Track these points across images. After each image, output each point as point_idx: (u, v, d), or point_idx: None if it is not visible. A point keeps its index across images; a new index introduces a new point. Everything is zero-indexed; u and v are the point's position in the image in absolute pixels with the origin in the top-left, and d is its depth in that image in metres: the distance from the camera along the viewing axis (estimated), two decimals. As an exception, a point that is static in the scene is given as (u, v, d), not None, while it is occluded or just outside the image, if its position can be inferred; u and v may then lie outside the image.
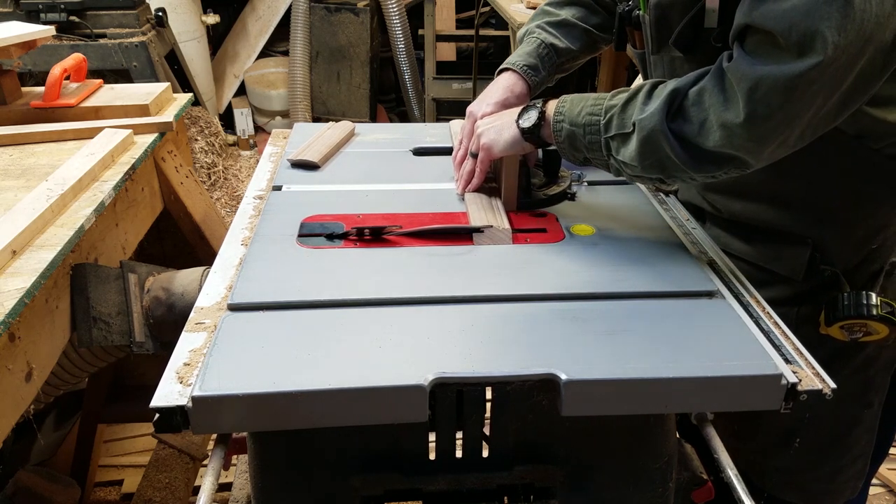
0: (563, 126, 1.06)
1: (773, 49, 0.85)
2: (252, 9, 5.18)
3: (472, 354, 0.85)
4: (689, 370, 0.84)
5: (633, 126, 0.98)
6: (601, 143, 1.03)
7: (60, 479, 1.88)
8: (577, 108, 1.06)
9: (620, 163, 1.02)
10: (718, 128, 0.91)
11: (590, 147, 1.05)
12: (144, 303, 1.29)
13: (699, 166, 0.96)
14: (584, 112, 1.04)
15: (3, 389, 1.01)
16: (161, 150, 1.66)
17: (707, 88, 0.92)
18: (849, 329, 1.10)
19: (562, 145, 1.08)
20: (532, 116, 1.11)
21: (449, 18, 5.26)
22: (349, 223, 1.16)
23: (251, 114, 5.17)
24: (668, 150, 0.95)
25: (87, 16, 3.44)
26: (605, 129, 1.02)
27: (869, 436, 1.27)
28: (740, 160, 0.93)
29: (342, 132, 1.53)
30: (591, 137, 1.04)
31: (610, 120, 1.01)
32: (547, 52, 1.33)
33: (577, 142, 1.06)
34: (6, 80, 1.65)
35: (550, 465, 0.98)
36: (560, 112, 1.07)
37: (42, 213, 1.19)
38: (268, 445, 0.97)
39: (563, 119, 1.06)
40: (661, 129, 0.94)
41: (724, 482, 0.89)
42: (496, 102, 1.27)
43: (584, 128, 1.04)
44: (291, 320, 0.92)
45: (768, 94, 0.85)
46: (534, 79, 1.31)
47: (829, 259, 1.12)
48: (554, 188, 1.27)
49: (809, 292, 1.14)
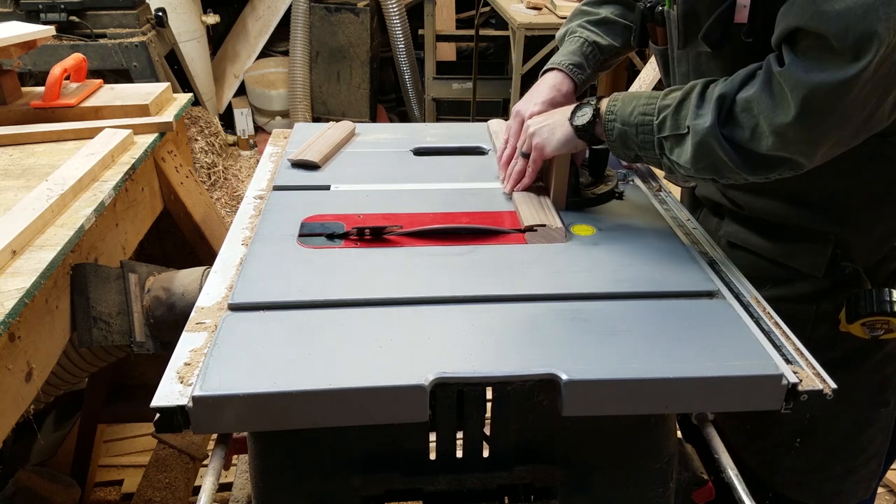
0: (615, 125, 1.07)
1: (827, 53, 0.84)
2: (252, 9, 5.18)
3: (472, 354, 0.85)
4: (689, 370, 0.84)
5: (687, 129, 0.98)
6: (654, 143, 1.04)
7: (60, 479, 1.88)
8: (629, 107, 1.06)
9: (674, 163, 1.03)
10: (771, 133, 0.91)
11: (642, 146, 1.05)
12: (145, 303, 1.29)
13: (753, 169, 0.96)
14: (637, 112, 1.05)
15: (3, 389, 1.01)
16: (161, 150, 1.66)
17: (755, 94, 0.92)
18: (870, 326, 1.09)
19: (613, 143, 1.09)
20: (587, 114, 1.11)
21: (449, 18, 5.26)
22: (349, 223, 1.16)
23: (251, 114, 5.17)
24: (722, 155, 0.95)
25: (87, 16, 3.44)
26: (658, 130, 1.02)
27: (884, 435, 1.26)
28: (794, 162, 0.93)
29: (342, 132, 1.53)
30: (643, 137, 1.04)
31: (663, 121, 1.01)
32: (591, 49, 1.34)
33: (629, 141, 1.06)
34: (6, 80, 1.65)
35: (551, 466, 0.98)
36: (612, 111, 1.07)
37: (42, 213, 1.19)
38: (268, 445, 0.97)
39: (615, 118, 1.07)
40: (713, 134, 0.94)
41: (725, 482, 0.89)
42: (544, 101, 1.27)
43: (637, 127, 1.04)
44: (292, 320, 0.92)
45: (823, 100, 0.85)
46: (580, 77, 1.32)
47: (851, 256, 1.11)
48: (602, 187, 1.27)
49: (829, 289, 1.14)
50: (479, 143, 1.52)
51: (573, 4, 3.73)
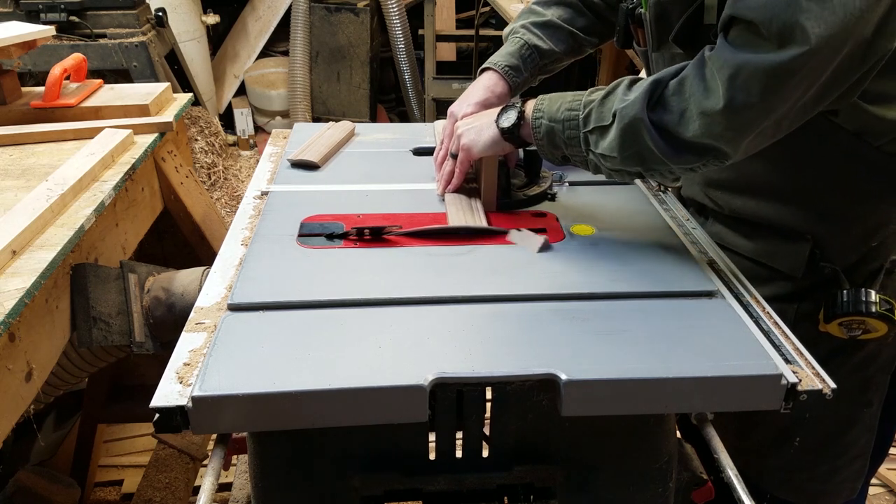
0: (542, 122, 1.06)
1: (755, 38, 0.85)
2: (252, 9, 5.18)
3: (472, 354, 0.85)
4: (689, 370, 0.84)
5: (612, 117, 0.98)
6: (580, 138, 1.03)
7: (60, 479, 1.88)
8: (555, 104, 1.06)
9: (599, 156, 1.02)
10: (698, 116, 0.91)
11: (568, 143, 1.05)
12: (144, 303, 1.29)
13: (678, 157, 0.96)
14: (563, 108, 1.04)
15: (3, 389, 1.01)
16: (161, 150, 1.66)
17: (688, 78, 0.93)
18: (847, 326, 1.10)
19: (541, 143, 1.08)
20: (511, 116, 1.11)
21: (449, 18, 5.26)
22: (349, 223, 1.16)
23: (251, 114, 5.17)
24: (648, 140, 0.95)
25: (87, 16, 3.43)
26: (584, 124, 1.02)
27: (868, 436, 1.27)
28: (719, 150, 0.93)
29: (342, 132, 1.53)
30: (570, 133, 1.04)
31: (589, 114, 1.01)
32: (529, 53, 1.33)
33: (556, 138, 1.06)
34: (6, 80, 1.65)
35: (550, 466, 0.98)
36: (539, 109, 1.08)
37: (42, 213, 1.19)
38: (268, 445, 0.97)
39: (542, 116, 1.07)
40: (641, 117, 0.94)
41: (725, 482, 0.89)
42: (477, 102, 1.27)
43: (563, 123, 1.04)
44: (291, 320, 0.92)
45: (748, 81, 0.86)
46: (515, 79, 1.31)
47: (829, 256, 1.12)
48: (534, 188, 1.27)
49: (809, 289, 1.14)
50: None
51: (573, 4, 3.73)
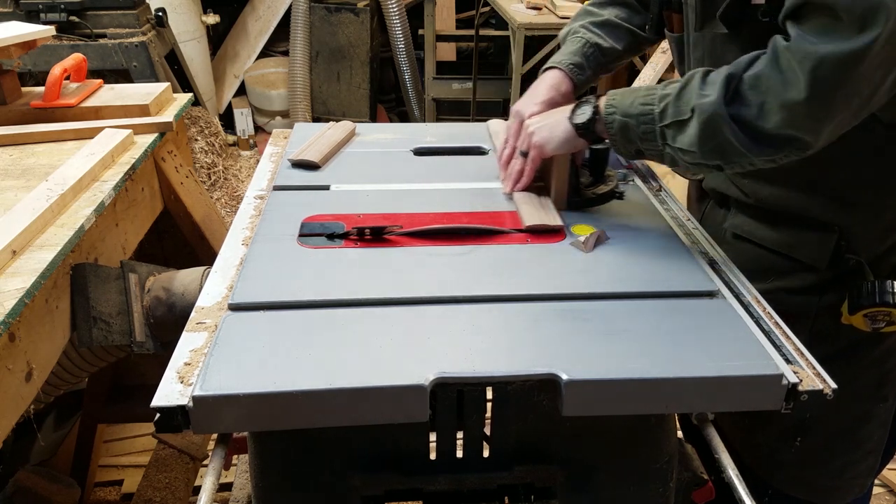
0: (616, 118, 1.06)
1: (834, 23, 0.84)
2: (252, 9, 5.18)
3: (472, 354, 0.85)
4: (689, 370, 0.84)
5: (691, 112, 0.97)
6: (656, 132, 1.02)
7: (60, 479, 1.88)
8: (628, 99, 1.05)
9: (677, 150, 1.02)
10: (779, 109, 0.90)
11: (644, 137, 1.04)
12: (145, 303, 1.29)
13: (759, 149, 0.95)
14: (637, 102, 1.04)
15: (3, 389, 1.01)
16: (161, 150, 1.66)
17: (764, 71, 0.92)
18: (872, 318, 1.09)
19: (614, 138, 1.08)
20: (586, 111, 1.10)
21: (449, 18, 5.26)
22: (350, 223, 1.16)
23: (251, 114, 5.17)
24: (729, 135, 0.95)
25: (87, 16, 3.43)
26: (660, 118, 1.02)
27: (881, 431, 1.26)
28: (801, 141, 0.93)
29: (343, 132, 1.53)
30: (645, 127, 1.03)
31: (665, 108, 1.01)
32: (592, 51, 1.33)
33: (630, 133, 1.05)
34: (6, 80, 1.65)
35: (551, 466, 0.98)
36: (611, 105, 1.07)
37: (42, 213, 1.19)
38: (268, 445, 0.97)
39: (615, 111, 1.06)
40: (720, 112, 0.94)
41: (725, 482, 0.89)
42: (543, 101, 1.27)
43: (638, 118, 1.03)
44: (292, 320, 0.92)
45: (832, 70, 0.85)
46: (579, 77, 1.31)
47: (855, 247, 1.11)
48: (602, 187, 1.27)
49: (832, 281, 1.14)
50: (479, 143, 1.52)
51: (573, 4, 3.73)
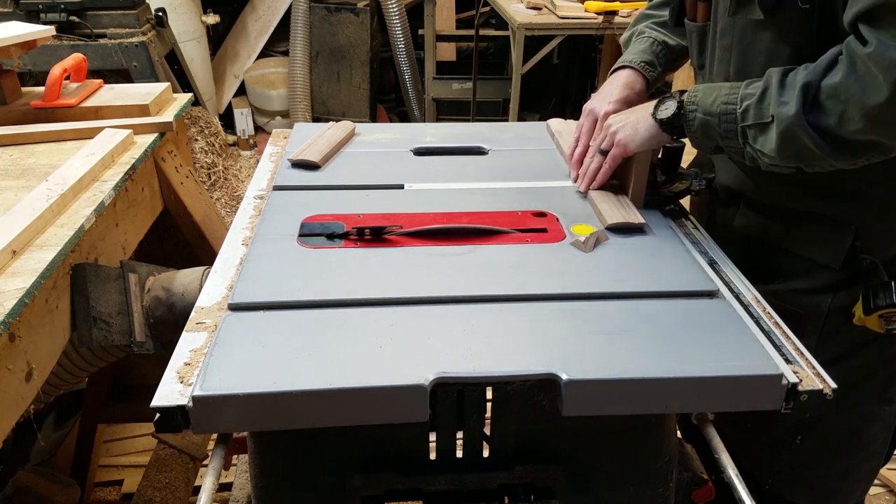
0: (697, 115, 1.07)
1: None
2: (252, 9, 5.18)
3: (472, 354, 0.85)
4: (689, 370, 0.84)
5: (771, 117, 0.98)
6: (737, 132, 1.03)
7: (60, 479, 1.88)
8: (710, 97, 1.06)
9: (758, 152, 1.02)
10: (860, 117, 0.90)
11: (725, 135, 1.05)
12: (145, 303, 1.29)
13: (839, 155, 0.95)
14: (719, 101, 1.04)
15: (3, 389, 1.01)
16: (161, 150, 1.66)
17: (842, 80, 0.91)
18: (887, 319, 1.09)
19: (695, 134, 1.09)
20: (670, 106, 1.11)
21: (449, 18, 5.26)
22: (349, 223, 1.16)
23: (251, 114, 5.17)
24: (808, 142, 0.95)
25: (87, 16, 3.43)
26: (741, 118, 1.02)
27: (885, 434, 1.26)
28: (883, 145, 0.93)
29: (342, 132, 1.53)
30: (726, 126, 1.04)
31: (747, 109, 1.01)
32: (661, 48, 1.35)
33: (711, 131, 1.06)
34: (6, 80, 1.65)
35: (551, 465, 0.98)
36: (693, 102, 1.08)
37: (42, 213, 1.19)
38: (268, 445, 0.97)
39: (697, 108, 1.07)
40: (798, 122, 0.94)
41: (725, 482, 0.89)
42: (618, 100, 1.28)
43: (720, 116, 1.04)
44: (292, 320, 0.92)
45: None
46: (651, 74, 1.32)
47: (869, 248, 1.11)
48: (678, 185, 1.26)
49: (846, 282, 1.13)
50: (478, 143, 1.52)
51: (573, 4, 3.73)
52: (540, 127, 1.65)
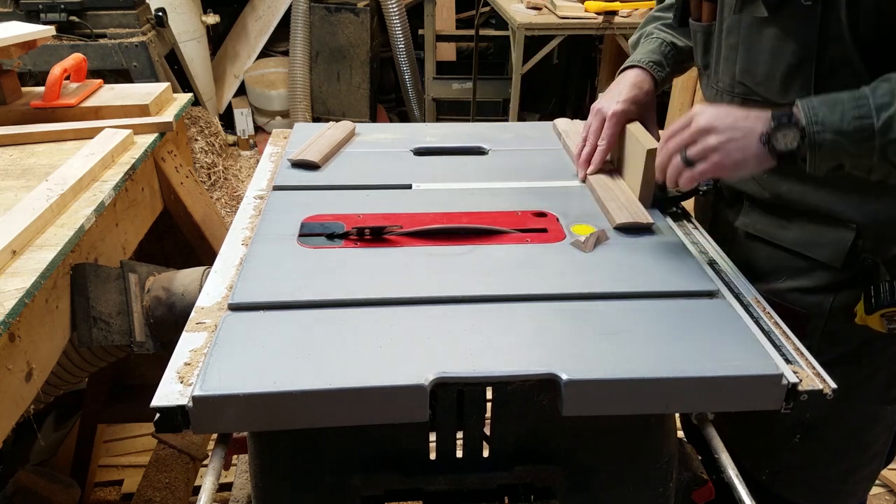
0: (827, 137, 0.92)
1: None
2: (252, 9, 5.18)
3: (472, 354, 0.85)
4: (689, 370, 0.84)
5: None
6: (874, 148, 0.92)
7: (60, 479, 1.88)
8: (835, 113, 0.92)
9: None
10: None
11: (857, 154, 0.93)
12: (145, 303, 1.29)
13: None
14: (849, 115, 0.92)
15: (3, 389, 1.01)
16: (161, 150, 1.66)
17: None
18: (889, 318, 1.09)
19: (820, 158, 0.94)
20: (791, 135, 0.94)
21: (449, 18, 5.26)
22: (349, 223, 1.16)
23: (251, 114, 5.17)
24: None
25: (87, 16, 3.43)
26: (881, 134, 0.90)
27: (887, 435, 1.26)
28: None
29: (342, 132, 1.53)
30: (861, 144, 0.92)
31: (889, 123, 0.90)
32: (669, 49, 1.34)
33: (840, 151, 0.93)
34: (6, 80, 1.65)
35: (551, 465, 0.98)
36: (818, 122, 0.93)
37: (42, 213, 1.19)
38: (268, 445, 0.97)
39: (825, 129, 0.92)
40: None
41: (725, 482, 0.89)
42: (626, 99, 1.27)
43: (853, 135, 0.91)
44: (292, 320, 0.92)
45: None
46: (660, 74, 1.32)
47: (871, 247, 1.11)
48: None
49: (847, 281, 1.13)
50: (479, 143, 1.52)
51: (573, 4, 3.73)
52: (540, 127, 1.65)
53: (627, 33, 3.57)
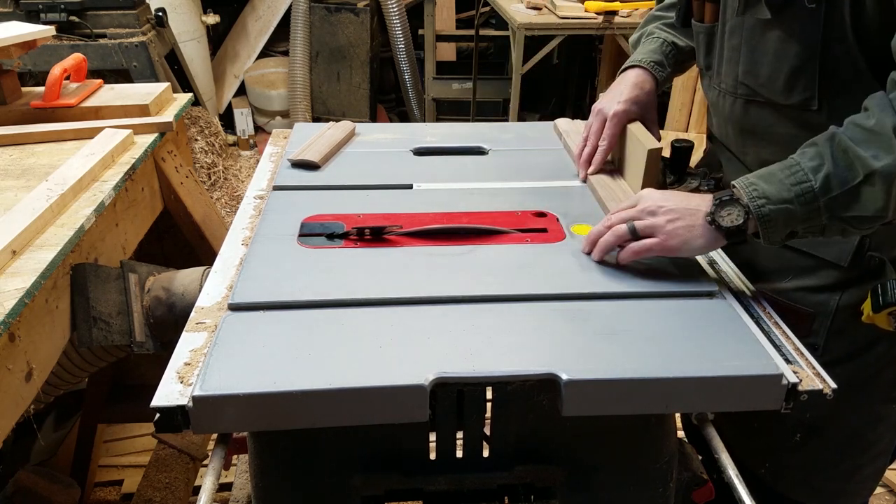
0: (773, 208, 0.93)
1: None
2: (252, 9, 5.18)
3: (472, 354, 0.85)
4: (689, 370, 0.84)
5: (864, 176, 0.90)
6: (820, 208, 0.93)
7: (60, 479, 1.88)
8: (772, 184, 0.94)
9: (853, 219, 0.94)
10: None
11: (806, 217, 0.94)
12: (145, 303, 1.29)
13: None
14: (787, 183, 0.93)
15: (3, 389, 1.01)
16: (161, 150, 1.66)
17: None
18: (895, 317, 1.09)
19: (771, 230, 0.95)
20: (736, 212, 0.96)
21: (449, 18, 5.26)
22: (349, 223, 1.16)
23: (251, 114, 5.17)
24: None
25: (87, 16, 3.43)
26: (822, 192, 0.92)
27: (892, 434, 1.25)
28: None
29: (342, 132, 1.53)
30: (808, 207, 0.93)
31: (827, 180, 0.91)
32: (670, 49, 1.34)
33: (792, 219, 0.94)
34: (6, 80, 1.65)
35: (551, 465, 0.98)
36: (759, 196, 0.94)
37: (42, 213, 1.19)
38: (268, 445, 0.97)
39: (768, 201, 0.94)
40: None
41: (725, 482, 0.89)
42: (627, 99, 1.27)
43: (797, 199, 0.92)
44: (292, 320, 0.92)
45: None
46: (661, 74, 1.32)
47: (877, 245, 1.10)
48: (687, 185, 1.26)
49: (854, 280, 1.13)
50: (479, 143, 1.52)
51: (573, 4, 3.73)
52: (540, 127, 1.65)
53: (627, 33, 3.57)
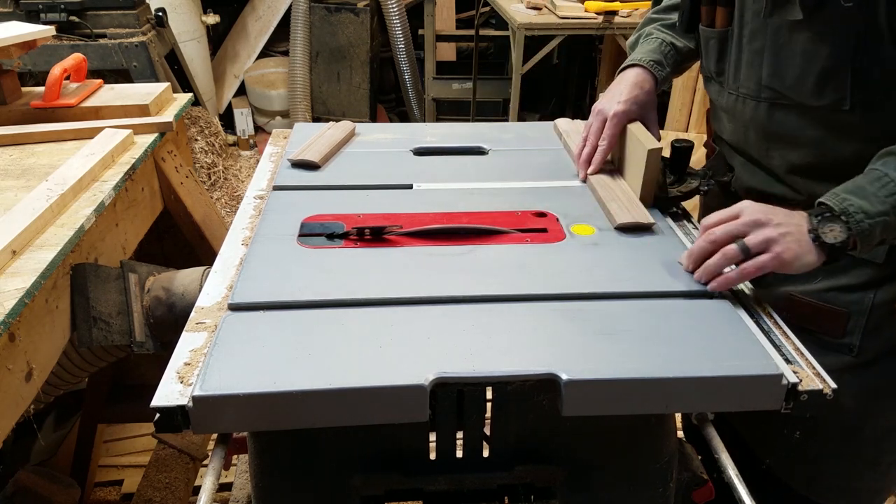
0: (872, 221, 0.93)
1: None
2: (252, 9, 5.18)
3: (472, 354, 0.85)
4: (689, 370, 0.84)
5: None
6: None
7: (60, 479, 1.88)
8: (862, 198, 0.94)
9: None
10: None
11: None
12: (145, 303, 1.29)
13: None
14: (880, 195, 0.94)
15: (3, 389, 1.01)
16: (161, 150, 1.66)
17: None
18: None
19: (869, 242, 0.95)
20: (838, 229, 0.94)
21: (449, 18, 5.26)
22: (349, 223, 1.16)
23: (251, 114, 5.17)
24: None
25: (87, 16, 3.43)
26: None
27: None
28: None
29: (342, 132, 1.53)
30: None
31: None
32: (669, 49, 1.34)
33: (889, 230, 0.94)
34: (6, 80, 1.65)
35: (551, 465, 0.98)
36: (852, 213, 0.94)
37: (42, 213, 1.19)
38: (268, 445, 0.97)
39: (865, 215, 0.93)
40: None
41: (725, 482, 0.89)
42: (627, 99, 1.27)
43: (892, 211, 0.93)
44: (292, 320, 0.92)
45: None
46: (660, 74, 1.31)
47: None
48: (686, 185, 1.25)
49: (889, 276, 1.11)
50: (479, 143, 1.52)
51: (573, 4, 3.73)
52: (540, 127, 1.65)
53: (627, 33, 3.58)
